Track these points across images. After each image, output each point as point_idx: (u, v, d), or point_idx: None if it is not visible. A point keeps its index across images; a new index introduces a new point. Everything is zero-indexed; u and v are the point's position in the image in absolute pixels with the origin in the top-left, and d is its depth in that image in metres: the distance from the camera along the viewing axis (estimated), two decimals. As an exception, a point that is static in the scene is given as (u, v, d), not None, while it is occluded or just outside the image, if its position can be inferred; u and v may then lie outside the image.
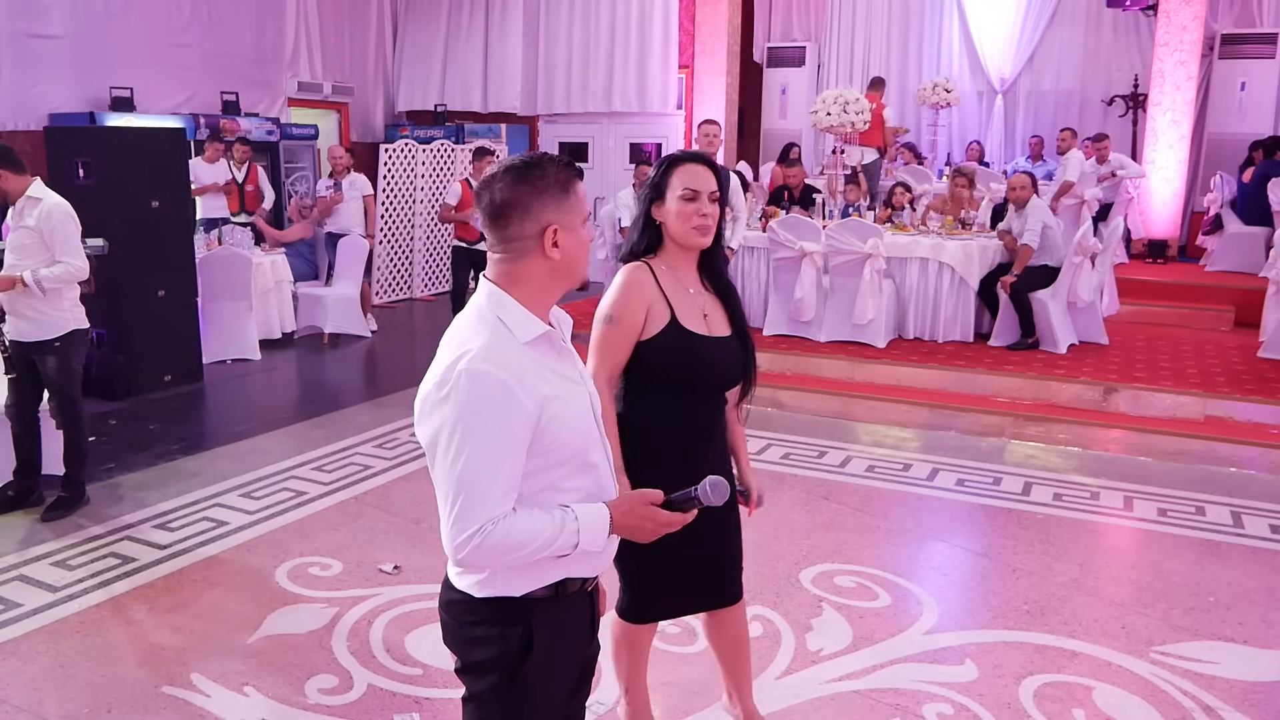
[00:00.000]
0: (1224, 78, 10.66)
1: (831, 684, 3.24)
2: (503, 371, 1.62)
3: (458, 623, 1.80)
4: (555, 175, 1.72)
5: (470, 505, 1.61)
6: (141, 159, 6.62)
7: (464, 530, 1.62)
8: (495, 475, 1.62)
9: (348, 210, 8.83)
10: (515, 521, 1.64)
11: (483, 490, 1.61)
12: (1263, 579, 4.09)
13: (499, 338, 1.67)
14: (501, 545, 1.63)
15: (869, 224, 7.48)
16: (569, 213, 1.73)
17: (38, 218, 4.36)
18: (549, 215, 1.71)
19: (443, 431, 1.63)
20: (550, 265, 1.73)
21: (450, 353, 1.67)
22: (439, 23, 12.98)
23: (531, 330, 1.70)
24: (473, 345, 1.65)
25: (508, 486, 1.64)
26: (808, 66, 12.78)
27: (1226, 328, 8.21)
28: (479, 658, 1.78)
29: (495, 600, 1.75)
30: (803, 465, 5.44)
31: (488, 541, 1.61)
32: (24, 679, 3.21)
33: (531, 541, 1.64)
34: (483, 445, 1.61)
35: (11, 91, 8.87)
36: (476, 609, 1.76)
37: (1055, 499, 4.97)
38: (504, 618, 1.75)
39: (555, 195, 1.72)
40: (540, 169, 1.72)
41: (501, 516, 1.63)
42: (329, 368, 7.84)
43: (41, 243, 4.38)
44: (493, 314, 1.70)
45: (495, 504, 1.62)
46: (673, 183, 2.43)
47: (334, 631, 3.53)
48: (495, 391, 1.61)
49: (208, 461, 5.38)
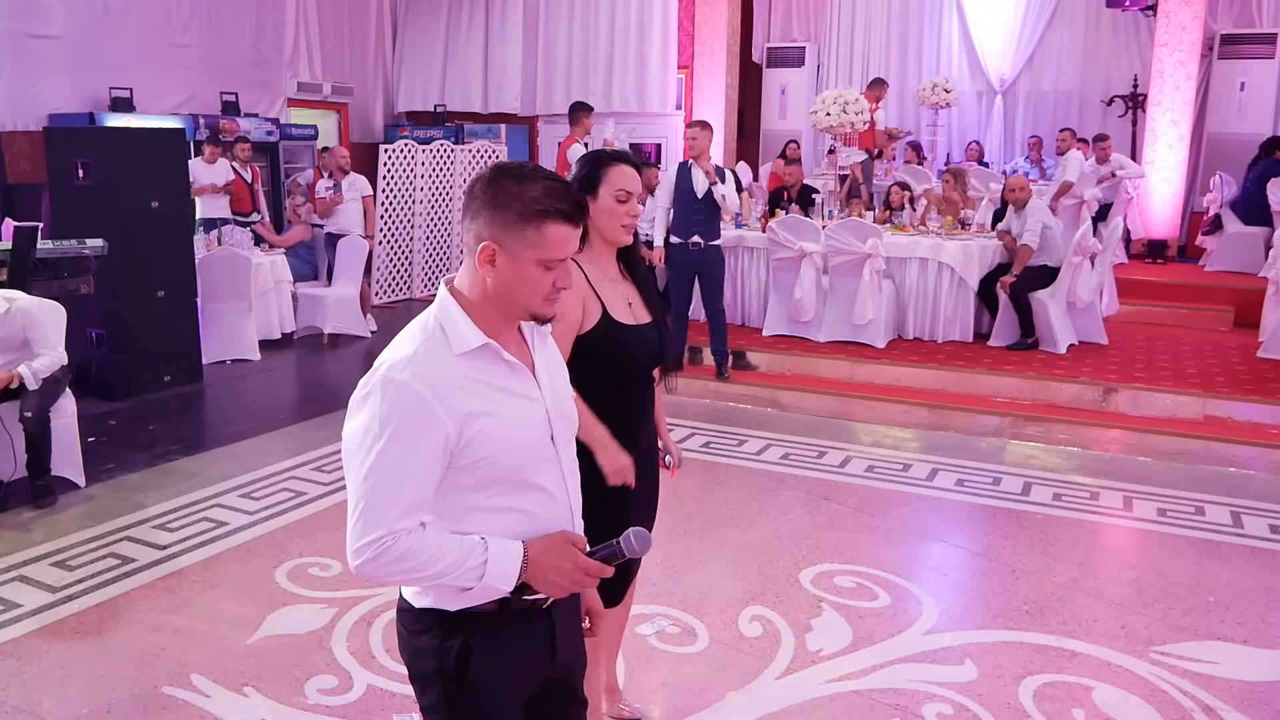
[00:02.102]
0: (1223, 78, 10.66)
1: (831, 684, 3.24)
2: (420, 384, 1.55)
3: (406, 630, 1.75)
4: (527, 206, 1.59)
5: (371, 515, 1.55)
6: (141, 159, 6.62)
7: (362, 538, 1.55)
8: (400, 489, 1.55)
9: (347, 211, 8.83)
10: (419, 540, 1.57)
11: (385, 502, 1.54)
12: (1262, 579, 4.09)
13: (430, 348, 1.60)
14: (399, 562, 1.55)
15: (868, 224, 7.48)
16: (521, 243, 1.60)
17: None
18: (492, 232, 1.60)
19: (355, 435, 1.58)
20: (483, 283, 1.63)
21: (386, 355, 1.63)
22: (438, 23, 12.99)
23: (468, 342, 1.61)
24: (400, 353, 1.60)
25: (413, 502, 1.56)
26: (807, 67, 12.78)
27: (1226, 328, 8.22)
28: (421, 669, 1.73)
29: (432, 611, 1.69)
30: (802, 465, 5.44)
31: (384, 555, 1.55)
32: (23, 679, 3.21)
33: (431, 565, 1.57)
34: (389, 457, 1.54)
35: (11, 92, 8.86)
36: (418, 618, 1.71)
37: (1055, 499, 4.97)
38: (441, 629, 1.69)
39: (513, 219, 1.59)
40: (509, 189, 1.60)
41: (404, 532, 1.55)
42: (329, 368, 7.84)
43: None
44: (436, 321, 1.64)
45: (396, 518, 1.55)
46: (607, 181, 2.51)
47: (334, 632, 3.53)
48: (409, 404, 1.54)
49: (207, 462, 5.37)
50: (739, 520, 4.66)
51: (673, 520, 4.70)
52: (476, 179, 1.64)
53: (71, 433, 4.89)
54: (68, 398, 4.88)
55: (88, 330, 6.31)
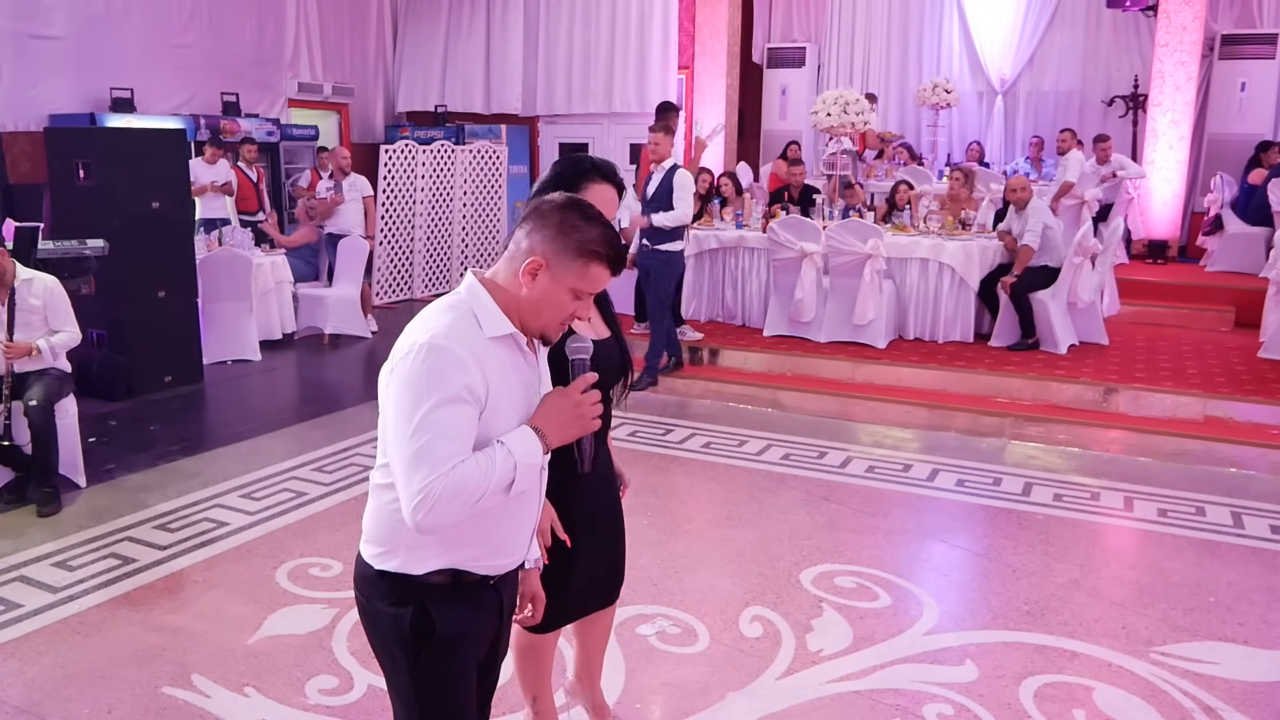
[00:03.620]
0: (1224, 78, 10.66)
1: (831, 684, 3.24)
2: (463, 349, 1.68)
3: (365, 598, 1.87)
4: (585, 244, 1.75)
5: (424, 467, 1.64)
6: (142, 160, 6.63)
7: (417, 494, 1.64)
8: (447, 441, 1.66)
9: (348, 211, 8.84)
10: (460, 472, 1.67)
11: (436, 454, 1.65)
12: (1263, 579, 4.09)
13: (465, 324, 1.73)
14: (453, 498, 1.65)
15: (869, 224, 7.48)
16: (567, 270, 1.75)
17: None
18: (545, 250, 1.75)
19: (402, 396, 1.68)
20: (518, 288, 1.77)
21: (418, 327, 1.73)
22: (439, 23, 12.99)
23: (498, 328, 1.76)
24: (438, 324, 1.71)
25: (457, 452, 1.67)
26: (807, 67, 12.79)
27: (1227, 328, 8.21)
28: (381, 634, 1.86)
29: (392, 575, 1.81)
30: (803, 466, 5.44)
31: (439, 500, 1.64)
32: (24, 680, 3.21)
33: (479, 486, 1.67)
34: (439, 413, 1.66)
35: (12, 92, 8.87)
36: (375, 584, 1.84)
37: (1055, 499, 4.97)
38: (396, 595, 1.81)
39: (569, 248, 1.74)
40: (575, 223, 1.75)
41: (445, 473, 1.66)
42: (329, 368, 7.84)
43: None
44: (466, 305, 1.76)
45: (444, 461, 1.66)
46: (584, 196, 2.42)
47: (334, 632, 3.53)
48: (454, 364, 1.67)
49: (208, 462, 5.38)
50: (739, 520, 4.66)
51: (673, 520, 4.71)
52: (548, 201, 1.80)
53: (72, 433, 4.90)
54: (69, 399, 4.89)
55: (88, 331, 6.30)
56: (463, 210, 11.01)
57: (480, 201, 11.23)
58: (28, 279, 4.77)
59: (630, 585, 3.76)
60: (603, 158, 2.68)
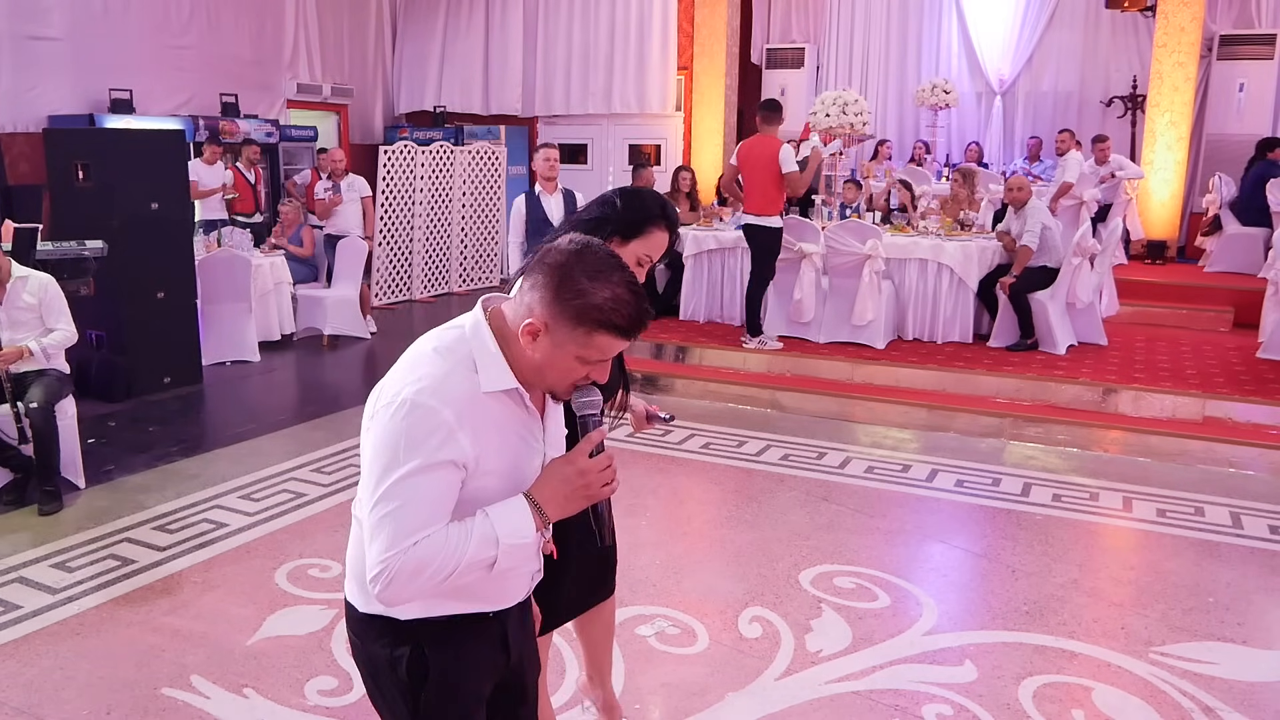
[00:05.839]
0: (1222, 79, 10.67)
1: (831, 685, 3.24)
2: (449, 412, 1.51)
3: (358, 639, 1.73)
4: (586, 311, 1.51)
5: (388, 538, 1.50)
6: (141, 161, 6.62)
7: (377, 565, 1.51)
8: (417, 512, 1.50)
9: (347, 212, 8.84)
10: (427, 546, 1.51)
11: (403, 526, 1.50)
12: (1262, 579, 4.10)
13: (461, 376, 1.55)
14: (415, 576, 1.50)
15: (868, 225, 7.48)
16: (568, 338, 1.53)
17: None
18: (543, 313, 1.53)
19: (378, 453, 1.53)
20: (520, 347, 1.56)
21: (408, 372, 1.57)
22: (438, 24, 12.99)
23: (497, 381, 1.57)
24: (429, 374, 1.54)
25: (429, 518, 1.52)
26: (806, 68, 12.79)
27: (1225, 328, 8.22)
28: (378, 678, 1.72)
29: (380, 618, 1.66)
30: (802, 466, 5.44)
31: (399, 574, 1.50)
32: (23, 681, 3.21)
33: (447, 563, 1.51)
34: (411, 481, 1.50)
35: (11, 93, 8.87)
36: (366, 626, 1.69)
37: (1054, 500, 4.97)
38: (392, 637, 1.66)
39: (568, 315, 1.51)
40: (579, 285, 1.51)
41: (410, 546, 1.50)
42: (328, 369, 7.84)
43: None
44: (466, 349, 1.58)
45: (407, 536, 1.51)
46: (644, 240, 2.38)
47: (333, 633, 3.53)
48: (436, 430, 1.50)
49: (207, 463, 5.37)
50: (739, 521, 4.66)
51: (673, 521, 4.71)
52: (554, 251, 1.55)
53: (72, 434, 4.89)
54: (68, 399, 4.89)
55: (88, 332, 6.30)
56: (461, 211, 11.01)
57: (479, 202, 11.24)
58: (23, 276, 4.77)
59: (630, 586, 3.77)
60: (667, 198, 2.50)
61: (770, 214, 6.99)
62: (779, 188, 6.95)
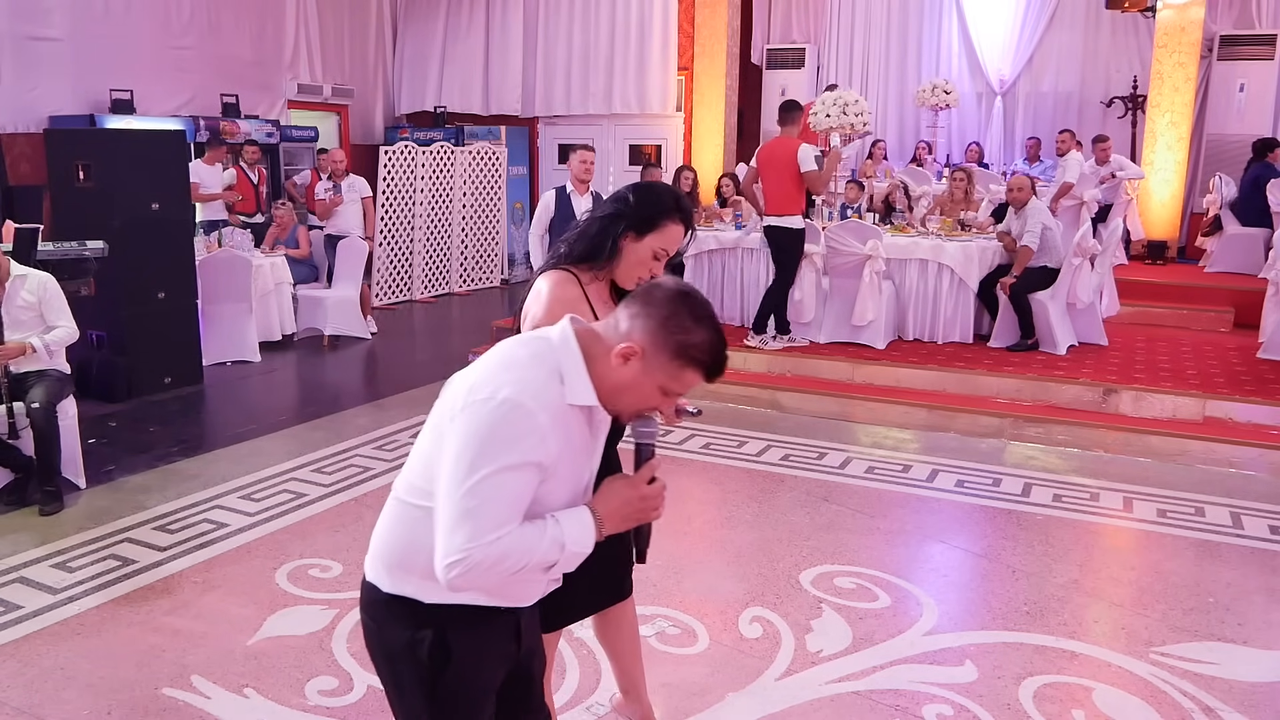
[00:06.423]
0: (1223, 79, 10.68)
1: (831, 685, 3.24)
2: (544, 416, 1.60)
3: (375, 623, 1.78)
4: (686, 348, 1.63)
5: (470, 529, 1.57)
6: (141, 161, 6.63)
7: (455, 552, 1.57)
8: (500, 507, 1.59)
9: (347, 212, 8.84)
10: (506, 543, 1.60)
11: (486, 519, 1.58)
12: (1262, 580, 4.10)
13: (551, 385, 1.64)
14: (493, 567, 1.59)
15: (869, 225, 7.48)
16: (661, 368, 1.65)
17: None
18: (643, 341, 1.64)
19: (468, 444, 1.59)
20: (610, 369, 1.66)
21: (503, 371, 1.64)
22: (438, 25, 13.00)
23: (581, 397, 1.66)
24: (527, 380, 1.62)
25: (508, 521, 1.60)
26: (807, 68, 12.80)
27: (1226, 329, 8.22)
28: (394, 661, 1.76)
29: (405, 601, 1.72)
30: (802, 467, 5.44)
31: (477, 567, 1.58)
32: (24, 681, 3.21)
33: (520, 560, 1.61)
34: (501, 477, 1.58)
35: (11, 94, 8.87)
36: (386, 608, 1.74)
37: (1055, 500, 4.97)
38: (413, 620, 1.72)
39: (669, 347, 1.64)
40: (684, 323, 1.64)
41: (493, 541, 1.59)
42: (329, 370, 7.84)
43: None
44: (555, 360, 1.66)
45: (488, 532, 1.59)
46: (659, 233, 2.41)
47: (334, 633, 3.53)
48: (531, 432, 1.59)
49: (207, 463, 5.38)
50: (739, 521, 4.66)
51: (673, 521, 4.71)
52: (661, 289, 1.68)
53: (72, 434, 4.89)
54: (69, 400, 4.89)
55: (88, 332, 6.30)
56: (462, 211, 11.02)
57: (480, 203, 11.25)
58: (22, 275, 4.77)
59: (630, 586, 3.77)
60: (682, 192, 2.52)
61: (791, 214, 6.92)
62: (799, 187, 6.88)
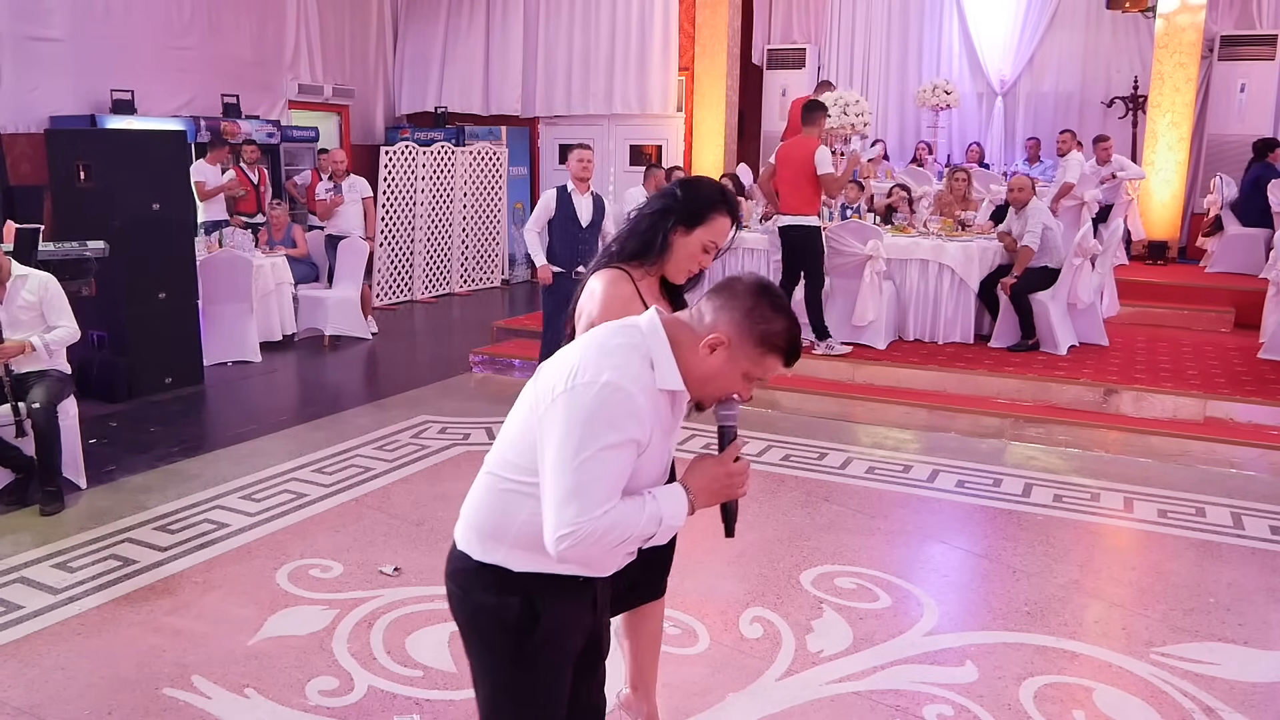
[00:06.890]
0: (1223, 79, 10.67)
1: (831, 685, 3.24)
2: (643, 398, 1.74)
3: (462, 590, 1.90)
4: (769, 336, 1.78)
5: (581, 502, 1.69)
6: (142, 161, 6.63)
7: (568, 525, 1.69)
8: (607, 481, 1.71)
9: (348, 213, 8.84)
10: (612, 517, 1.72)
11: (596, 492, 1.70)
12: (1263, 580, 4.10)
13: (643, 372, 1.77)
14: (601, 539, 1.71)
15: (869, 226, 7.49)
16: (746, 355, 1.79)
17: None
18: (729, 331, 1.78)
19: (573, 425, 1.71)
20: (699, 358, 1.79)
21: (601, 358, 1.75)
22: (439, 25, 12.99)
23: (670, 382, 1.79)
24: (624, 365, 1.75)
25: (614, 494, 1.73)
26: (807, 69, 12.79)
27: (1227, 329, 8.22)
28: (481, 626, 1.89)
29: (494, 569, 1.85)
30: (803, 467, 5.44)
31: (588, 538, 1.69)
32: (24, 681, 3.22)
33: (624, 533, 1.73)
34: (607, 453, 1.70)
35: (12, 94, 8.87)
36: (476, 576, 1.87)
37: (1055, 500, 4.97)
38: (501, 587, 1.84)
39: (754, 336, 1.78)
40: (766, 313, 1.78)
41: (601, 514, 1.71)
42: (329, 370, 7.84)
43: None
44: (646, 347, 1.79)
45: (597, 505, 1.71)
46: (708, 226, 2.46)
47: (335, 633, 3.53)
48: (632, 412, 1.72)
49: (208, 463, 5.38)
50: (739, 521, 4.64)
51: (673, 522, 4.70)
52: (742, 283, 1.84)
53: (73, 434, 4.90)
54: (70, 400, 4.89)
55: (89, 332, 6.31)
56: (463, 212, 11.02)
57: (480, 203, 11.25)
58: (22, 275, 4.77)
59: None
60: (729, 187, 2.57)
61: (806, 213, 6.87)
62: (814, 187, 6.83)
